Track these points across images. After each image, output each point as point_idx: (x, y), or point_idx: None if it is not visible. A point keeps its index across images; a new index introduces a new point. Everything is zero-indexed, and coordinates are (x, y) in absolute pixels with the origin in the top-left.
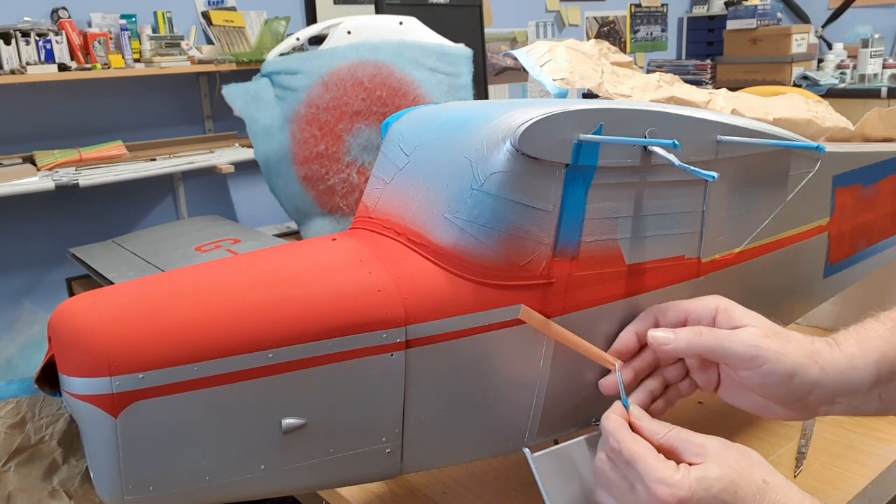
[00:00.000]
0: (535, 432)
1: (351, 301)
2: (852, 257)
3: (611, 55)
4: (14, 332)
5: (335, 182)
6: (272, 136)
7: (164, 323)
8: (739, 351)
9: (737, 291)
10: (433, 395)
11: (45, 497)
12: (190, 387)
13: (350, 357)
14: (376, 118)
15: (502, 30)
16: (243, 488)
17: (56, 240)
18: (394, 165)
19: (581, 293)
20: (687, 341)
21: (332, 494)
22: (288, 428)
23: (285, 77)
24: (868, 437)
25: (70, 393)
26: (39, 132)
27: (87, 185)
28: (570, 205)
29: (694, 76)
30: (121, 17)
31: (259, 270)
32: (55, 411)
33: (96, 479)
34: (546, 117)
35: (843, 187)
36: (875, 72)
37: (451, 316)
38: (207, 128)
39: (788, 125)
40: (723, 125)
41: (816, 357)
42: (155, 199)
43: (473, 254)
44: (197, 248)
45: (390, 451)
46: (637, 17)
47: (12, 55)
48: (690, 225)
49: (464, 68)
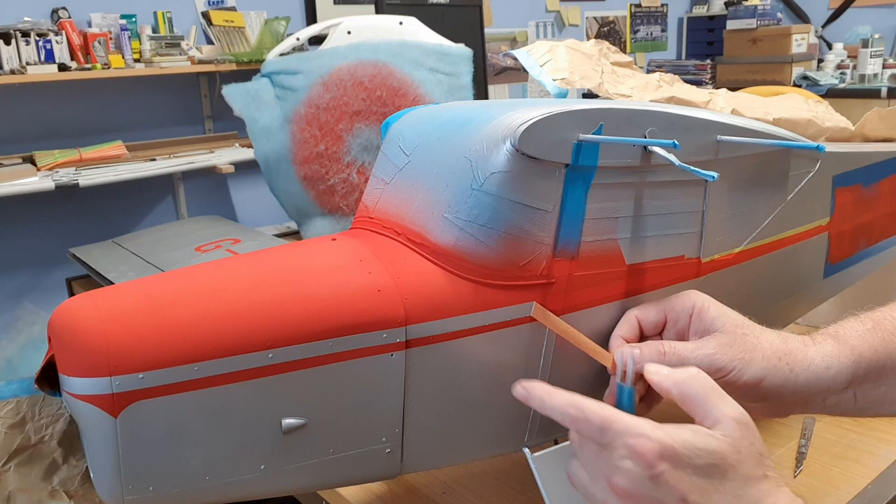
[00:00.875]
0: (535, 432)
1: (351, 301)
2: (852, 257)
3: (611, 55)
4: (14, 332)
5: (335, 182)
6: (272, 136)
7: (164, 323)
8: (702, 366)
9: (737, 291)
10: (433, 395)
11: (45, 497)
12: (190, 387)
13: (350, 357)
14: (376, 118)
15: (502, 30)
16: (243, 488)
17: (56, 240)
18: (394, 165)
19: (581, 293)
20: (651, 361)
21: (332, 494)
22: (288, 428)
23: (285, 77)
24: (868, 437)
25: (70, 393)
26: (39, 132)
27: (87, 185)
28: (570, 205)
29: (694, 76)
30: (121, 17)
31: (259, 270)
32: (55, 411)
33: (96, 479)
34: (546, 117)
35: (843, 187)
36: (875, 72)
37: (451, 316)
38: (207, 128)
39: (788, 125)
40: (723, 125)
41: (787, 358)
42: (155, 199)
43: (473, 254)
44: (197, 248)
45: (390, 451)
46: (637, 17)
47: (12, 55)
48: (690, 225)
49: (464, 68)
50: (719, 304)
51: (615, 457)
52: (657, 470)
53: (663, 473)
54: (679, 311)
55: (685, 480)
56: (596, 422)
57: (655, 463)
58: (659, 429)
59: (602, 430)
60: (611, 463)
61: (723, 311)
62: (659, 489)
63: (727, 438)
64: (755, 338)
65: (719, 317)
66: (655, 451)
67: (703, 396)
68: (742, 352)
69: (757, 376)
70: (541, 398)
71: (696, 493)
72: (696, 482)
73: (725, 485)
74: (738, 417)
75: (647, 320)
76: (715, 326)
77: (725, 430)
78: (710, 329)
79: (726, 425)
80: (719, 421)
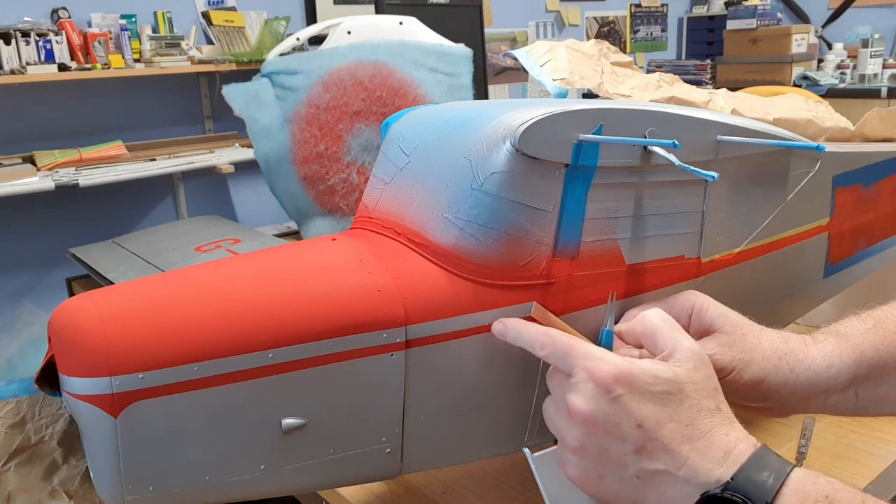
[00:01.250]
0: (535, 432)
1: (351, 301)
2: (852, 257)
3: (611, 55)
4: (14, 332)
5: (335, 182)
6: (272, 136)
7: (164, 323)
8: None
9: (737, 291)
10: (433, 395)
11: (45, 497)
12: (190, 387)
13: (350, 357)
14: (376, 118)
15: (502, 30)
16: (243, 488)
17: (56, 240)
18: (394, 165)
19: (581, 293)
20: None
21: (332, 494)
22: (288, 428)
23: (285, 77)
24: (868, 437)
25: (70, 393)
26: (39, 132)
27: (87, 185)
28: (570, 205)
29: (694, 76)
30: (121, 17)
31: (259, 270)
32: (55, 411)
33: (96, 479)
34: (546, 117)
35: (843, 187)
36: (875, 72)
37: (451, 316)
38: (207, 128)
39: (788, 125)
40: (723, 125)
41: (788, 358)
42: (155, 199)
43: (473, 254)
44: (197, 248)
45: (390, 451)
46: (637, 17)
47: (12, 55)
48: (690, 225)
49: (464, 68)
50: (719, 305)
51: (574, 380)
52: (615, 393)
53: (621, 397)
54: (678, 311)
55: (642, 406)
56: (561, 347)
57: (612, 386)
58: (618, 357)
59: (565, 355)
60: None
61: (722, 311)
62: (616, 413)
63: (682, 368)
64: (755, 338)
65: (719, 317)
66: (612, 374)
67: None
68: (742, 352)
69: (758, 376)
70: (517, 329)
71: (652, 419)
72: (653, 409)
73: (680, 413)
74: (695, 350)
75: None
76: (715, 326)
77: (680, 360)
78: (709, 329)
79: (682, 355)
80: (676, 351)
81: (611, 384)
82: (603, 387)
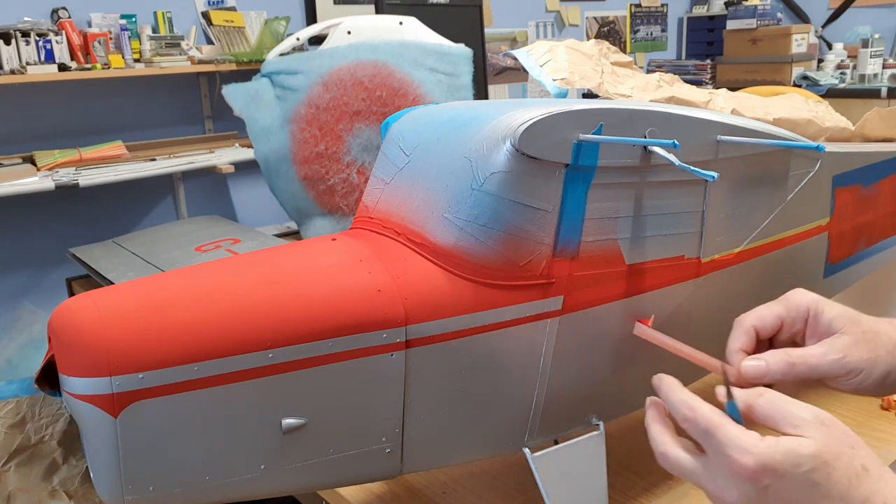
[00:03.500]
0: (536, 432)
1: (351, 301)
2: (852, 257)
3: (611, 55)
4: (14, 332)
5: (335, 182)
6: (272, 136)
7: (164, 323)
8: (833, 371)
9: (737, 291)
10: (433, 395)
11: (45, 497)
12: (190, 387)
13: (350, 357)
14: (376, 118)
15: (502, 30)
16: (243, 488)
17: (56, 240)
18: (394, 165)
19: (581, 293)
20: (781, 373)
21: (332, 494)
22: (288, 428)
23: (285, 77)
24: (868, 437)
25: (70, 393)
26: (39, 132)
27: (87, 185)
28: (570, 205)
29: (694, 76)
30: (121, 17)
31: (259, 270)
32: (55, 411)
33: (96, 479)
34: (546, 117)
35: (843, 187)
36: (875, 72)
37: (451, 316)
38: (207, 128)
39: (788, 125)
40: (723, 125)
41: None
42: (155, 199)
43: (473, 254)
44: (197, 248)
45: (390, 451)
46: (637, 17)
47: (12, 55)
48: (690, 225)
49: (464, 68)
50: (833, 304)
51: (719, 469)
52: (762, 484)
53: (769, 487)
54: (795, 316)
55: (792, 492)
56: (701, 425)
57: (759, 478)
58: (761, 442)
59: (706, 435)
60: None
61: (838, 311)
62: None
63: (815, 440)
64: (874, 333)
65: (836, 318)
66: (757, 467)
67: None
68: (868, 350)
69: (883, 375)
70: (666, 390)
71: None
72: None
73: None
74: (818, 416)
75: (764, 329)
76: (834, 328)
77: (811, 433)
78: (828, 331)
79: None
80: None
81: (757, 477)
82: (751, 481)
